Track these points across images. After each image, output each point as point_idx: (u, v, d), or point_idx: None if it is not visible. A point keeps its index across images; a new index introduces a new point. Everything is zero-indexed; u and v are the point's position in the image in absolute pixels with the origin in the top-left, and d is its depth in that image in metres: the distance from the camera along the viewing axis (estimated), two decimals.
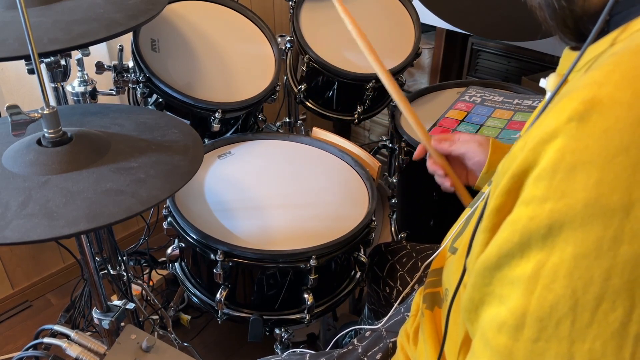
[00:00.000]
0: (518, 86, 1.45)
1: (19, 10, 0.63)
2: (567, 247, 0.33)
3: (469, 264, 0.46)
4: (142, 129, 0.81)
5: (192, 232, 0.95)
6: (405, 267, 1.05)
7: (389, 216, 1.45)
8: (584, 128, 0.33)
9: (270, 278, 0.97)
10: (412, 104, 1.42)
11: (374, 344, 0.80)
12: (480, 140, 0.80)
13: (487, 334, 0.38)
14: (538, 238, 0.34)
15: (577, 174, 0.32)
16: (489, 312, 0.39)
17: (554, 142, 0.34)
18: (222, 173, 1.14)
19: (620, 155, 0.31)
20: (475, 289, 0.40)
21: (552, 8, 0.44)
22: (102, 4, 0.91)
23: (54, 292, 1.73)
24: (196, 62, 1.23)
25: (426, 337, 0.61)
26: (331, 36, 1.41)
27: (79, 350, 0.86)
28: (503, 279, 0.37)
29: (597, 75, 0.34)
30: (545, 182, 0.34)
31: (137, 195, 0.65)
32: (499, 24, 1.41)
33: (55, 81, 1.02)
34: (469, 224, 0.58)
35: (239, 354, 1.51)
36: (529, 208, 0.35)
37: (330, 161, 1.21)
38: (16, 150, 0.72)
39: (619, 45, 0.39)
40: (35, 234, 0.59)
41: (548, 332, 0.34)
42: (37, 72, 0.68)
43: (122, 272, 1.23)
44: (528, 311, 0.34)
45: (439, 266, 0.67)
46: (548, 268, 0.34)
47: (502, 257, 0.36)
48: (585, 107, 0.33)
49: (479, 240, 0.41)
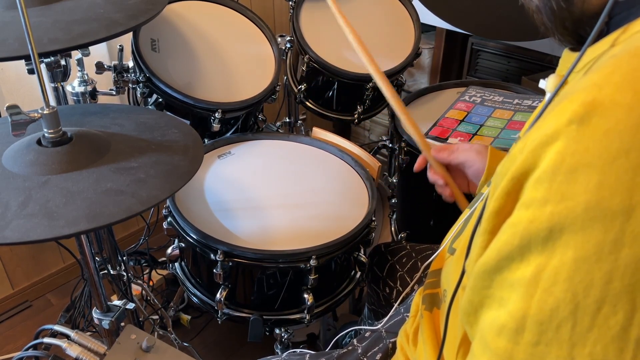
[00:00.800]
0: (518, 86, 1.45)
1: (19, 10, 0.63)
2: (568, 251, 0.33)
3: (468, 266, 0.46)
4: (142, 129, 0.81)
5: (192, 232, 0.95)
6: (405, 268, 1.05)
7: (389, 216, 1.45)
8: (585, 130, 0.33)
9: (270, 278, 0.97)
10: (412, 104, 1.43)
11: (373, 345, 0.80)
12: (478, 148, 0.81)
13: (486, 337, 0.38)
14: (538, 241, 0.34)
15: (577, 176, 0.32)
16: (488, 315, 0.39)
17: (554, 145, 0.34)
18: (222, 173, 1.14)
19: (621, 158, 0.31)
20: (475, 291, 0.40)
21: (551, 10, 0.44)
22: (102, 4, 0.91)
23: (54, 292, 1.73)
24: (196, 62, 1.23)
25: (425, 338, 0.61)
26: (331, 36, 1.41)
27: (79, 350, 0.85)
28: (503, 282, 0.37)
29: (597, 78, 0.34)
30: (545, 184, 0.34)
31: (137, 195, 0.65)
32: (499, 24, 1.41)
33: (55, 81, 1.02)
34: (467, 225, 0.58)
35: (239, 354, 1.51)
36: (529, 211, 0.34)
37: (330, 161, 1.21)
38: (16, 150, 0.72)
39: (619, 47, 0.38)
40: (35, 234, 0.59)
41: (548, 336, 0.34)
42: (37, 72, 0.68)
43: (122, 272, 1.23)
44: (528, 314, 0.34)
45: (438, 267, 0.67)
46: (548, 271, 0.33)
47: (502, 260, 0.36)
48: (586, 110, 0.33)
49: (478, 243, 0.41)
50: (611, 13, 0.39)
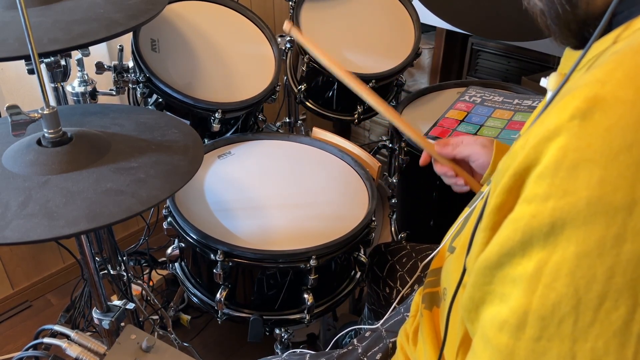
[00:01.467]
0: (518, 86, 1.45)
1: (19, 10, 0.63)
2: (570, 246, 0.33)
3: (469, 263, 0.46)
4: (142, 129, 0.81)
5: (192, 232, 0.95)
6: (405, 268, 1.05)
7: (389, 216, 1.45)
8: (587, 126, 0.33)
9: (270, 278, 0.97)
10: (412, 104, 1.43)
11: (373, 344, 0.80)
12: (483, 142, 0.80)
13: (487, 333, 0.38)
14: (540, 236, 0.34)
15: (579, 172, 0.32)
16: (489, 311, 0.39)
17: (556, 140, 0.34)
18: (222, 173, 1.14)
19: (623, 154, 0.31)
20: (476, 287, 0.40)
21: (556, 14, 0.44)
22: (102, 4, 0.91)
23: (54, 292, 1.73)
24: (196, 62, 1.23)
25: (425, 337, 0.61)
26: (331, 36, 1.41)
27: (79, 350, 0.85)
28: (504, 278, 0.37)
29: (599, 74, 0.34)
30: (547, 180, 0.34)
31: (137, 195, 0.65)
32: (499, 24, 1.41)
33: (55, 81, 1.02)
34: (467, 223, 0.58)
35: (239, 354, 1.51)
36: (531, 206, 0.34)
37: (330, 161, 1.21)
38: (16, 150, 0.72)
39: (621, 43, 0.39)
40: (35, 234, 0.59)
41: (550, 331, 0.34)
42: (37, 72, 0.68)
43: (122, 272, 1.23)
44: (530, 310, 0.34)
45: (438, 266, 0.67)
46: (550, 266, 0.34)
47: (504, 255, 0.36)
48: (588, 105, 0.33)
49: (479, 239, 0.41)
50: (614, 10, 0.39)
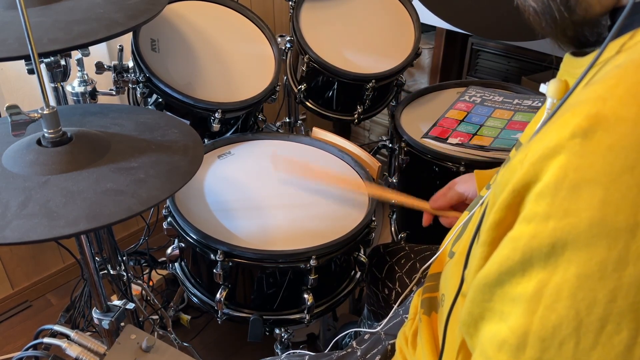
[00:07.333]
0: (518, 86, 1.45)
1: (19, 10, 0.63)
2: (571, 267, 0.32)
3: (467, 276, 0.45)
4: (142, 129, 0.81)
5: (192, 232, 0.95)
6: (404, 269, 1.05)
7: (389, 216, 1.45)
8: (588, 145, 0.32)
9: (270, 278, 0.97)
10: (412, 104, 1.43)
11: (372, 347, 0.80)
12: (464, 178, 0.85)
13: (487, 351, 0.37)
14: (540, 257, 0.33)
15: (581, 192, 0.32)
16: (489, 328, 0.38)
17: (557, 158, 0.33)
18: (222, 173, 1.14)
19: (626, 174, 0.31)
20: (475, 304, 0.39)
21: (552, 18, 0.43)
22: (102, 4, 0.91)
23: (54, 292, 1.73)
24: (196, 62, 1.23)
25: (424, 344, 0.61)
26: (331, 36, 1.41)
27: (79, 350, 0.85)
28: (504, 296, 0.36)
29: (600, 89, 0.34)
30: (547, 199, 0.33)
31: (137, 195, 0.65)
32: (499, 24, 1.41)
33: (55, 81, 1.02)
34: (466, 229, 0.58)
35: (239, 354, 1.51)
36: (531, 226, 0.34)
37: (330, 161, 1.21)
38: (16, 150, 0.72)
39: (624, 56, 0.38)
40: (35, 234, 0.59)
41: (551, 353, 0.33)
42: (37, 72, 0.68)
43: (122, 272, 1.23)
44: (530, 331, 0.34)
45: (437, 270, 0.67)
46: (551, 287, 0.33)
47: (503, 274, 0.36)
48: (589, 123, 0.32)
49: (478, 254, 0.40)
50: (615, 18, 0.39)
